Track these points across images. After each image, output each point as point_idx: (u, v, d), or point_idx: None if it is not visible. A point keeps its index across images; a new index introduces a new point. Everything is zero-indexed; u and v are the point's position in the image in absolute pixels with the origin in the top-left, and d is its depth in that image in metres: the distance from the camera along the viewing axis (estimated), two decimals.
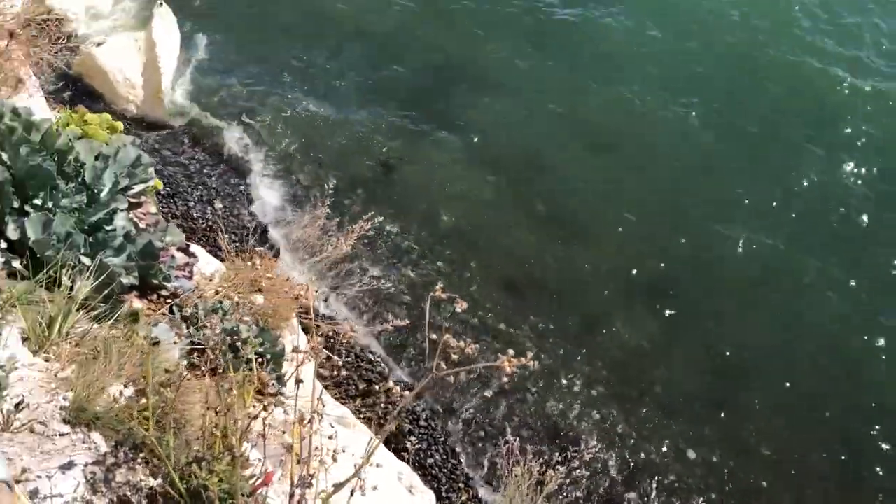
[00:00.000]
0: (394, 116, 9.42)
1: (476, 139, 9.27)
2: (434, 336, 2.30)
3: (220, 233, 4.86)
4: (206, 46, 9.89)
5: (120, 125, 4.81)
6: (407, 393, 5.15)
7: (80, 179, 3.68)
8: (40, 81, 6.57)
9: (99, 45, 8.80)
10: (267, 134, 8.93)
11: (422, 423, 6.51)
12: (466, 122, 9.46)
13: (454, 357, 2.25)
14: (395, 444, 5.97)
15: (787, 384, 7.50)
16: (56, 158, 3.55)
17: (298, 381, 2.42)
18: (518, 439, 5.82)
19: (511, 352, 2.22)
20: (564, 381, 7.17)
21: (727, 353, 7.66)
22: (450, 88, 9.89)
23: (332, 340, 5.61)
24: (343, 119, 9.29)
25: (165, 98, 8.99)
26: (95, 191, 3.69)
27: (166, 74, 9.08)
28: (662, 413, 7.16)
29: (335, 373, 5.73)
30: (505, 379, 6.51)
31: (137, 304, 3.66)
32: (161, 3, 9.56)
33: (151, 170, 4.02)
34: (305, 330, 5.32)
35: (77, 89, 8.52)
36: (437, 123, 9.41)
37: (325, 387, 5.55)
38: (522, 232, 8.41)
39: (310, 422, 2.28)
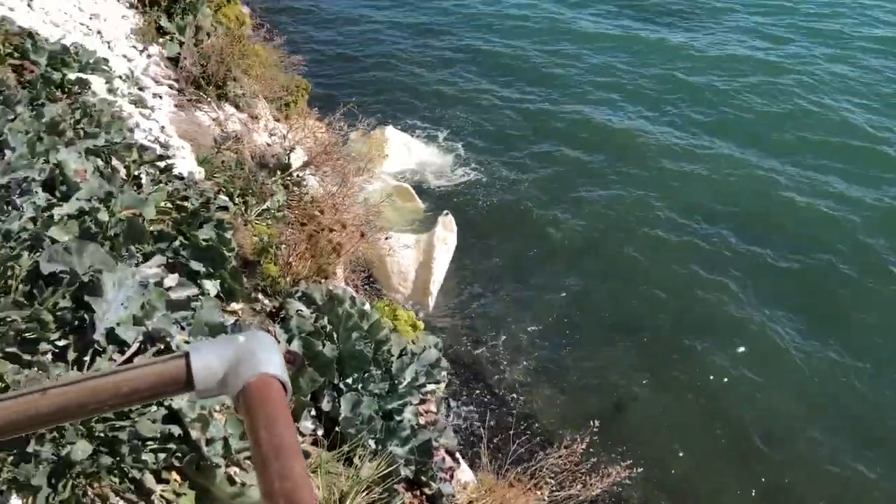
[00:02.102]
0: (631, 355, 9.20)
1: (708, 393, 8.67)
2: None
3: (483, 447, 4.98)
4: (480, 262, 10.71)
5: (421, 325, 5.32)
6: None
7: (386, 368, 4.07)
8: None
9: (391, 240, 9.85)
10: (509, 355, 9.09)
11: None
12: (702, 374, 8.91)
13: None
14: None
15: None
16: (374, 346, 3.98)
17: None
18: None
19: None
20: None
21: None
22: (690, 336, 9.49)
23: None
24: (581, 355, 9.22)
25: (431, 299, 9.70)
26: (396, 382, 4.04)
27: (437, 278, 9.87)
28: None
29: None
30: None
31: (407, 496, 3.80)
32: (447, 213, 10.71)
33: (444, 373, 4.32)
34: None
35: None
36: (672, 369, 8.98)
37: None
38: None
39: None
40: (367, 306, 4.19)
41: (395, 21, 19.57)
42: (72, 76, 4.84)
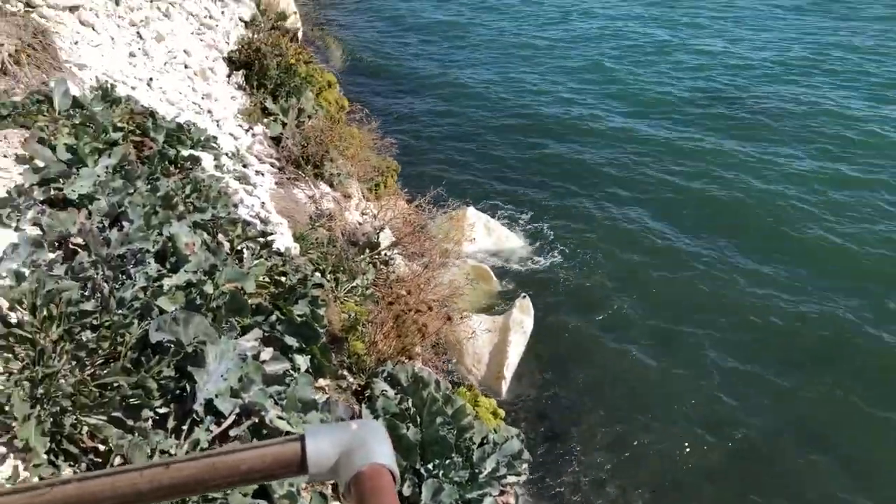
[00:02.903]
0: (716, 456, 8.74)
1: None
2: None
3: None
4: (557, 347, 10.52)
5: (502, 413, 5.25)
6: None
7: (467, 456, 4.01)
8: None
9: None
10: (582, 451, 8.76)
11: None
12: None
13: None
14: None
15: None
16: (456, 432, 3.95)
17: None
18: None
19: None
20: None
21: None
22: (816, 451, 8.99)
23: None
24: (662, 449, 8.82)
25: (504, 384, 9.52)
26: (477, 471, 3.97)
27: (511, 362, 9.70)
28: None
29: None
30: None
31: None
32: (524, 296, 10.62)
33: (526, 466, 4.23)
34: None
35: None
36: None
37: None
38: None
39: None
40: (450, 390, 4.18)
41: (480, 103, 20.12)
42: (185, 153, 5.15)
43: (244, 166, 6.06)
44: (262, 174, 6.19)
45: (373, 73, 22.56)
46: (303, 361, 3.80)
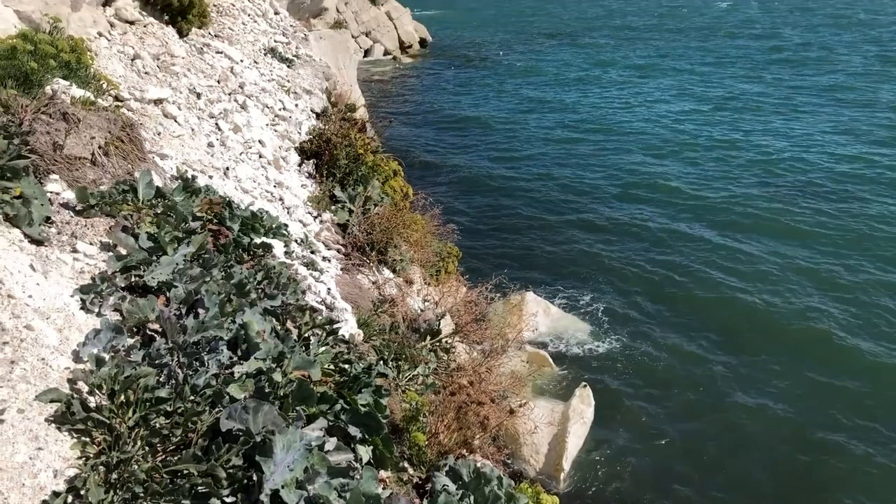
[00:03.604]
0: None
1: None
2: None
3: None
4: (617, 439, 10.19)
5: (556, 500, 5.09)
6: None
7: None
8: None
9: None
10: None
11: None
12: None
13: None
14: None
15: None
16: None
17: None
18: None
19: None
20: None
21: None
22: None
23: None
24: None
25: (563, 475, 9.22)
26: None
27: (570, 453, 9.40)
28: None
29: None
30: None
31: None
32: (585, 385, 10.39)
33: None
34: None
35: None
36: None
37: None
38: None
39: None
40: (512, 487, 4.09)
41: (536, 195, 20.39)
42: (258, 240, 5.34)
43: (312, 252, 6.24)
44: (329, 260, 6.35)
45: (431, 164, 23.24)
46: (365, 452, 3.79)
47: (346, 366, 4.24)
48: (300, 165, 8.24)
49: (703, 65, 39.79)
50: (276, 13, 16.38)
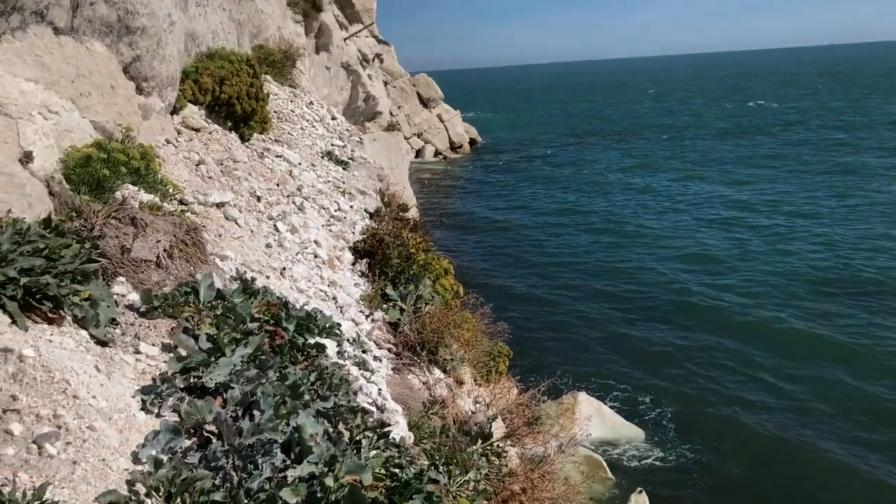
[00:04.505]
0: None
1: None
2: None
3: None
4: None
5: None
6: None
7: None
8: None
9: None
10: None
11: None
12: None
13: None
14: None
15: None
16: None
17: None
18: None
19: None
20: None
21: None
22: None
23: None
24: None
25: None
26: None
27: None
28: None
29: None
30: None
31: None
32: (641, 491, 9.95)
33: None
34: None
35: None
36: None
37: None
38: None
39: None
40: None
41: (591, 286, 20.27)
42: (312, 340, 5.42)
43: (364, 352, 6.29)
44: (380, 360, 6.38)
45: (479, 262, 23.48)
46: None
47: (397, 470, 4.20)
48: (353, 264, 8.41)
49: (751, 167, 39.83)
50: (334, 118, 17.13)
